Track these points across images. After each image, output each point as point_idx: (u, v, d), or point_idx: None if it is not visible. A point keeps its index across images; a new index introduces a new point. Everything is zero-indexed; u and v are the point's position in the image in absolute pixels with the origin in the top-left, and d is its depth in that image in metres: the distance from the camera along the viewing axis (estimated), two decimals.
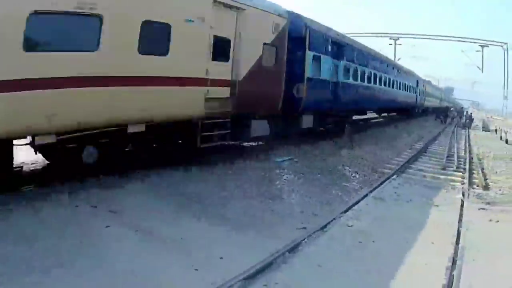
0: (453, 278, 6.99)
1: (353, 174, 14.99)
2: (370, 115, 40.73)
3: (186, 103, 12.20)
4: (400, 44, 70.40)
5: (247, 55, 14.47)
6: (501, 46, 65.95)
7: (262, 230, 8.74)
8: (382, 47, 58.34)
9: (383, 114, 45.39)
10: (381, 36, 70.05)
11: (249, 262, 6.81)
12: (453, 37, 69.40)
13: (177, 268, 6.71)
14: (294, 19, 17.86)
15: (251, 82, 14.53)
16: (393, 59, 56.92)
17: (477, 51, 65.47)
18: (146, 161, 12.19)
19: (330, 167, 15.27)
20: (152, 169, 11.96)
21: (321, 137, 21.65)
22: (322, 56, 20.19)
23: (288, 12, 17.47)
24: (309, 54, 18.78)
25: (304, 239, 8.17)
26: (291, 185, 12.40)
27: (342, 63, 22.95)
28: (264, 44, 15.52)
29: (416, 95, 50.29)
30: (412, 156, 20.39)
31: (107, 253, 6.95)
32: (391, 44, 69.95)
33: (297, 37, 17.96)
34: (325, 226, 9.09)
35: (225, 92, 13.72)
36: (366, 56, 28.31)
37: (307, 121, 19.66)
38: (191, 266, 6.79)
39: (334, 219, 9.68)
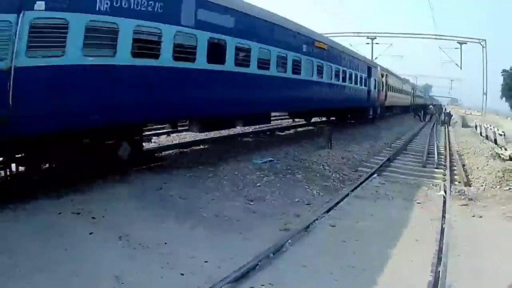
0: (439, 274, 6.99)
1: (333, 174, 14.95)
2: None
3: None
4: (378, 44, 70.57)
5: None
6: (480, 43, 66.56)
7: (245, 232, 8.72)
8: (359, 46, 58.26)
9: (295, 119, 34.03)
10: (358, 36, 70.23)
11: (234, 265, 6.82)
12: (431, 34, 69.70)
13: (162, 273, 6.69)
14: None
15: None
16: (370, 58, 56.90)
17: (456, 48, 65.96)
18: (126, 165, 12.11)
19: (310, 168, 15.23)
20: (132, 173, 12.02)
21: (301, 137, 21.65)
22: None
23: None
24: None
25: (287, 240, 8.14)
26: (272, 186, 12.39)
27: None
28: None
29: (368, 90, 36.33)
30: (393, 154, 20.41)
31: (91, 259, 6.89)
32: (368, 43, 70.23)
33: None
34: (308, 227, 9.08)
35: None
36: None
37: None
38: (176, 270, 6.76)
39: (317, 219, 9.66)
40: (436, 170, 17.83)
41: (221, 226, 9.05)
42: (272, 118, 22.69)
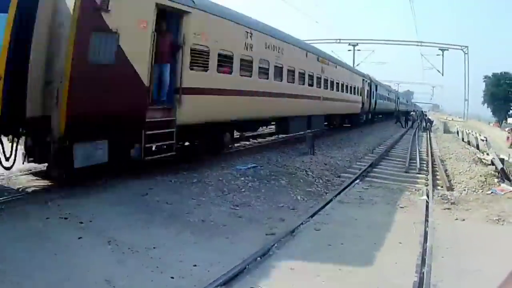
0: (423, 274, 7.11)
1: (317, 180, 15.05)
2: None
3: None
4: (360, 50, 71.01)
5: None
6: (462, 49, 67.29)
7: (231, 237, 8.77)
8: (341, 53, 58.56)
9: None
10: (340, 42, 70.58)
11: (222, 269, 6.88)
12: (413, 41, 70.36)
13: (153, 276, 6.73)
14: None
15: None
16: (352, 65, 57.34)
17: (437, 55, 66.58)
18: (109, 170, 12.16)
19: (293, 173, 15.32)
20: (115, 178, 12.10)
21: (283, 144, 21.78)
22: None
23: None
24: None
25: (274, 244, 8.24)
26: (257, 192, 12.47)
27: None
28: None
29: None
30: (375, 160, 20.56)
31: (81, 264, 6.92)
32: (350, 50, 70.65)
33: None
34: (293, 231, 9.16)
35: None
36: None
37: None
38: (166, 274, 6.81)
39: (302, 223, 9.76)
40: (418, 175, 18.05)
41: (208, 231, 9.07)
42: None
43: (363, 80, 43.64)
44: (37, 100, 10.31)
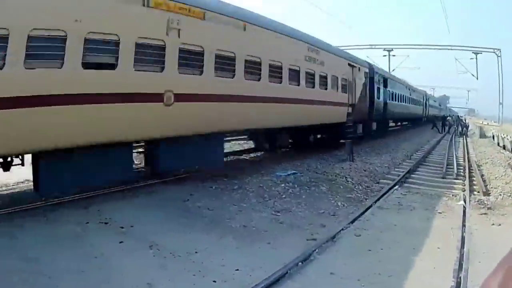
0: (460, 279, 7.19)
1: (356, 186, 15.20)
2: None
3: None
4: (394, 55, 70.39)
5: None
6: (495, 52, 66.19)
7: (273, 242, 8.90)
8: (376, 59, 58.15)
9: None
10: (374, 48, 70.11)
11: (264, 274, 6.95)
12: (447, 45, 69.38)
13: (195, 280, 6.85)
14: None
15: None
16: (387, 70, 56.97)
17: (471, 58, 65.56)
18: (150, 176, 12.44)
19: (333, 180, 15.48)
20: (156, 184, 12.44)
21: (322, 151, 22.05)
22: None
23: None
24: None
25: (315, 250, 8.32)
26: (298, 198, 12.63)
27: None
28: None
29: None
30: (412, 166, 20.54)
31: (122, 267, 7.15)
32: (385, 56, 70.08)
33: None
34: (334, 237, 9.28)
35: None
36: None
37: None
38: (208, 278, 6.93)
39: (342, 229, 9.90)
40: (455, 180, 18.00)
41: (250, 236, 9.22)
42: None
43: (352, 67, 27.09)
44: None
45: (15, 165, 10.79)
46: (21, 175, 12.18)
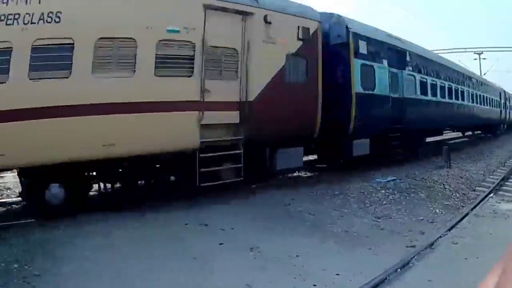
0: None
1: (453, 193, 15.16)
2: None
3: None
4: (485, 59, 68.18)
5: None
6: None
7: (374, 248, 9.09)
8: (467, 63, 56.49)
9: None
10: (464, 51, 68.21)
11: (364, 279, 7.09)
12: None
13: (295, 283, 7.05)
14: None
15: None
16: (479, 74, 55.18)
17: None
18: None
19: (431, 187, 15.51)
20: (256, 189, 12.82)
21: (418, 157, 22.27)
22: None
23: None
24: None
25: (414, 256, 8.42)
26: (398, 204, 12.73)
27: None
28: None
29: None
30: (506, 173, 20.12)
31: (222, 268, 7.42)
32: (475, 59, 68.11)
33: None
34: (432, 244, 9.34)
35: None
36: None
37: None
38: (308, 281, 7.11)
39: (440, 236, 9.92)
40: None
41: (351, 241, 9.44)
42: None
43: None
44: None
45: None
46: None
